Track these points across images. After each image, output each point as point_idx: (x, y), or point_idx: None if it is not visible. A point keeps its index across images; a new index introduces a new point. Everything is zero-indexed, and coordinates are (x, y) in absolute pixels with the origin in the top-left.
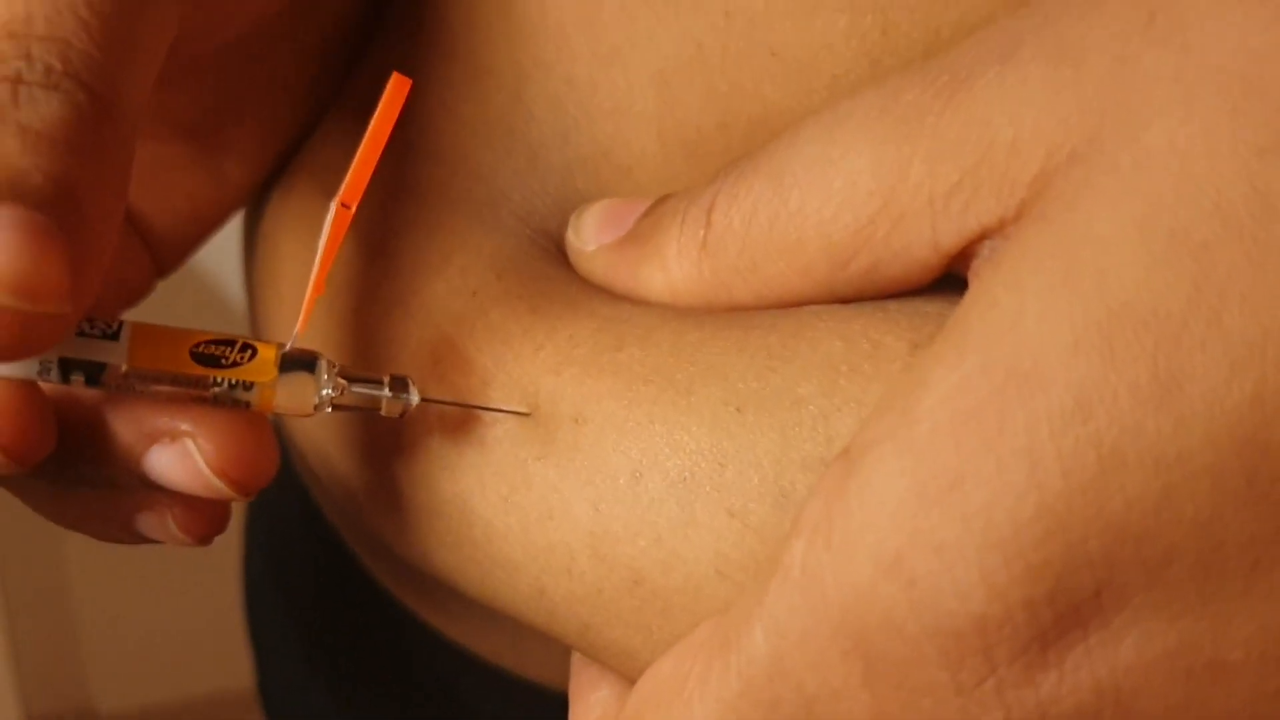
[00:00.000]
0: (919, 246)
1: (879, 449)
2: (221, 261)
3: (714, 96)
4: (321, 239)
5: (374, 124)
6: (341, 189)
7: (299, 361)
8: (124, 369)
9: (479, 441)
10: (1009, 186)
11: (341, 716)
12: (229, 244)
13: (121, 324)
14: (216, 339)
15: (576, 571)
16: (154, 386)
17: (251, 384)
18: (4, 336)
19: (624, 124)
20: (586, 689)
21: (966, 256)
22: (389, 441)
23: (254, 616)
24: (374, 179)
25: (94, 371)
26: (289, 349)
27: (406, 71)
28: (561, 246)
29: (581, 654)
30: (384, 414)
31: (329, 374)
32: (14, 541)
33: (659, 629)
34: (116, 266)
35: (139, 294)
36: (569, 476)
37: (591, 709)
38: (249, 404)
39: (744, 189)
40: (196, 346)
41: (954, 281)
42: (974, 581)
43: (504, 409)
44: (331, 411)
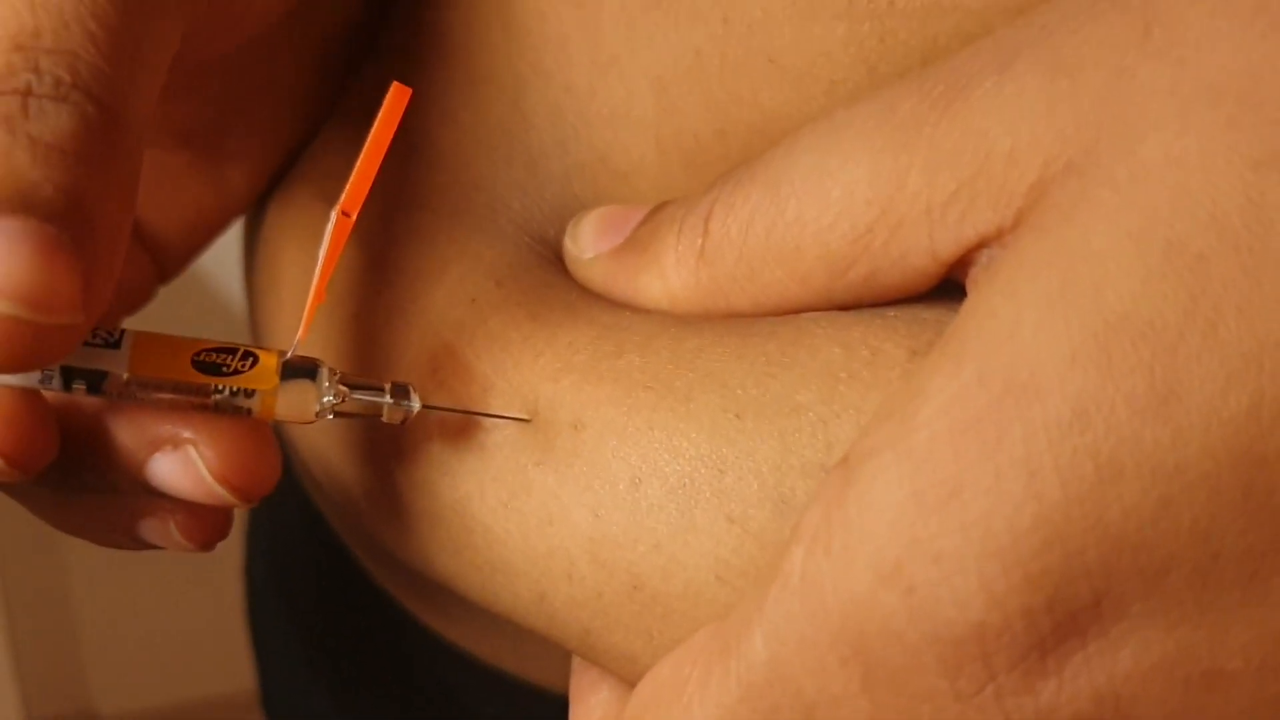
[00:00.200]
0: (917, 255)
1: (878, 458)
2: (221, 267)
3: (712, 104)
4: (322, 247)
5: (374, 132)
6: (342, 197)
7: (300, 369)
8: (125, 377)
9: (479, 447)
10: (1006, 196)
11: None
12: (229, 249)
13: (123, 333)
14: (218, 347)
15: (576, 577)
16: (155, 394)
17: (253, 391)
18: (17, 348)
19: (622, 131)
20: (587, 691)
21: (964, 264)
22: (389, 447)
23: (256, 620)
24: (373, 186)
25: (96, 380)
26: (290, 356)
27: (406, 79)
28: (560, 254)
29: (582, 658)
30: (385, 421)
31: (330, 381)
32: (15, 544)
33: (659, 634)
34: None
35: (141, 300)
36: (568, 482)
37: (592, 711)
38: (250, 411)
39: (741, 198)
40: (198, 355)
41: (952, 288)
42: (973, 590)
43: (504, 416)
44: (333, 419)
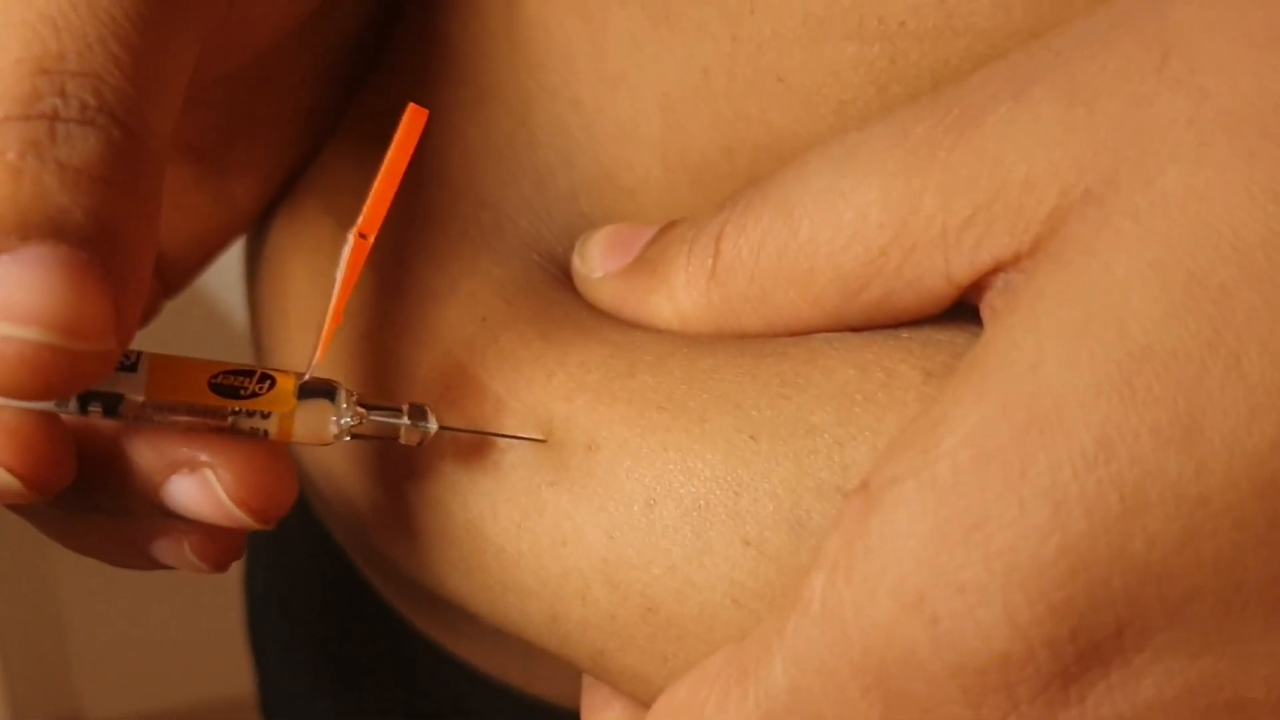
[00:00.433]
0: (931, 278)
1: (900, 486)
2: (222, 280)
3: (719, 121)
4: (339, 269)
5: (391, 154)
6: (359, 219)
7: (317, 390)
8: (142, 400)
9: (492, 467)
10: (1023, 223)
11: None
12: (229, 262)
13: (139, 355)
14: (235, 369)
15: (590, 599)
16: (171, 417)
17: (270, 413)
18: (51, 376)
19: (628, 147)
20: (598, 710)
21: (980, 288)
22: (400, 466)
23: (257, 633)
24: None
25: (112, 402)
26: (307, 378)
27: (411, 95)
28: (569, 271)
29: (595, 678)
30: (402, 442)
31: (348, 403)
32: (2, 550)
33: (673, 656)
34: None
35: (147, 316)
36: (582, 503)
37: None
38: (267, 433)
39: (752, 219)
40: (215, 377)
41: (964, 309)
42: (997, 620)
43: (520, 436)
44: (349, 440)
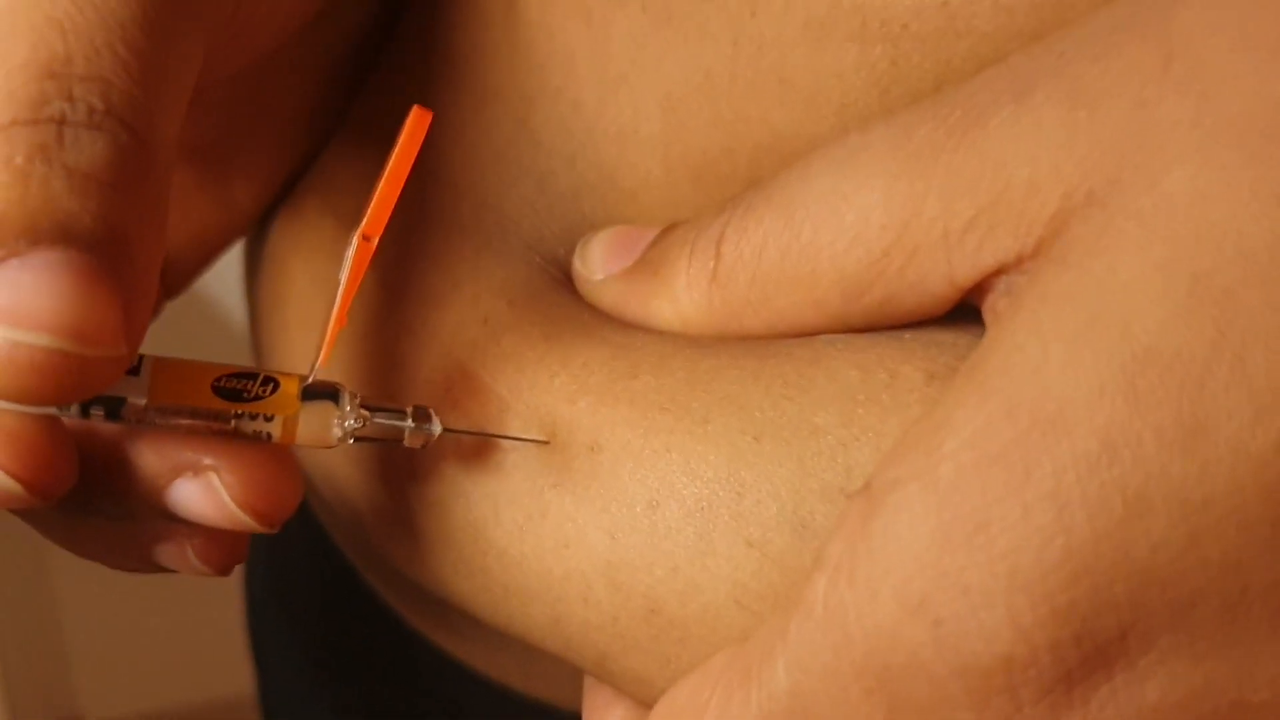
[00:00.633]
0: (934, 280)
1: (903, 489)
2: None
3: (720, 122)
4: (343, 272)
5: (396, 156)
6: (363, 221)
7: (321, 393)
8: (144, 404)
9: (494, 469)
10: (1026, 225)
11: None
12: (228, 263)
13: (142, 358)
14: (238, 372)
15: (593, 600)
16: (174, 420)
17: (273, 416)
18: (62, 382)
19: (629, 148)
20: (600, 711)
21: (982, 290)
22: (401, 467)
23: (257, 635)
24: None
25: (114, 406)
26: (311, 381)
27: (413, 96)
28: (570, 273)
29: (597, 680)
30: (406, 445)
31: (351, 406)
32: (2, 550)
33: (676, 657)
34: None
35: None
36: (585, 505)
37: None
38: (270, 436)
39: (754, 221)
40: (218, 380)
41: (966, 310)
42: (1001, 623)
43: (524, 438)
44: (352, 443)
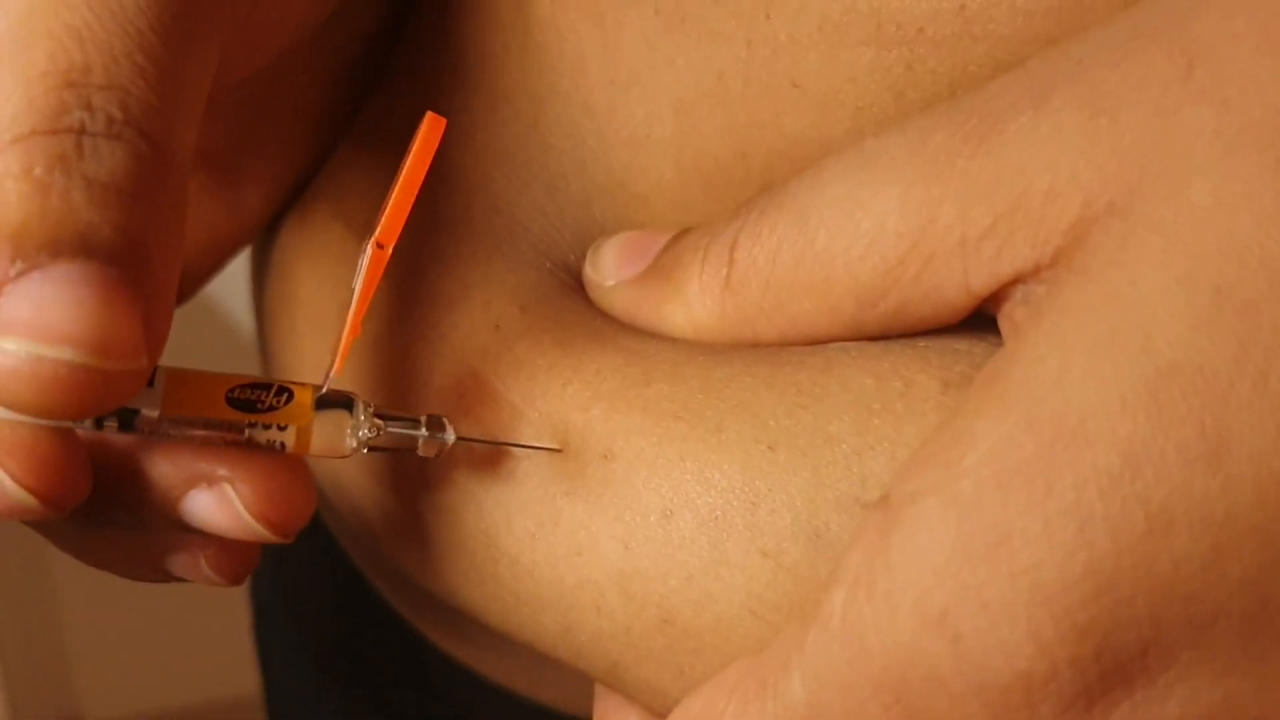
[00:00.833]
0: (949, 288)
1: (922, 502)
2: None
3: (733, 126)
4: (357, 281)
5: (410, 163)
6: (377, 229)
7: (335, 402)
8: (158, 415)
9: (507, 477)
10: (1045, 234)
11: None
12: (235, 269)
13: (155, 370)
14: (252, 383)
15: (605, 609)
16: (188, 431)
17: (287, 426)
18: (83, 396)
19: (641, 152)
20: (611, 717)
21: (998, 299)
22: (412, 474)
23: (263, 640)
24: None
25: (128, 417)
26: (325, 391)
27: (423, 99)
28: (581, 278)
29: (609, 689)
30: (420, 454)
31: (365, 415)
32: (2, 550)
33: (690, 668)
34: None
35: None
36: (598, 513)
37: None
38: (284, 446)
39: (767, 227)
40: (232, 391)
41: (981, 318)
42: (1021, 639)
43: (537, 446)
44: (367, 453)
